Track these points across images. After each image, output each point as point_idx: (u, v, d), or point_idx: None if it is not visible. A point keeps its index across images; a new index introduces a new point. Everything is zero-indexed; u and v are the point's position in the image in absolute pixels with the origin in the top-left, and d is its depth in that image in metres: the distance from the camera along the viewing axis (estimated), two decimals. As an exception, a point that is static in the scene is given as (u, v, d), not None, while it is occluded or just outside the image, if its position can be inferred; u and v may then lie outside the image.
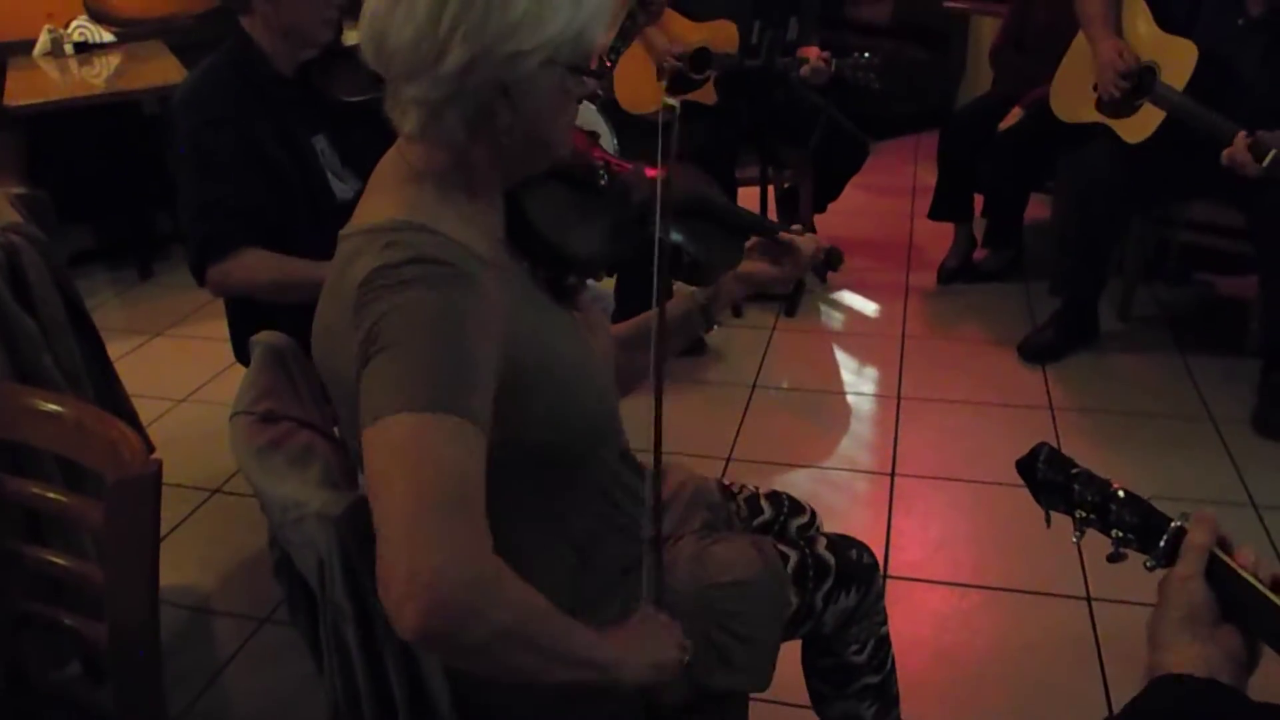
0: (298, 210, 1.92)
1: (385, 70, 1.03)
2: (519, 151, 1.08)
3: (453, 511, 0.87)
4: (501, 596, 0.90)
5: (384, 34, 1.00)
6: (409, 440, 0.89)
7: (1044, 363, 3.11)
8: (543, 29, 0.99)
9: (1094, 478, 0.99)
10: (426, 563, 0.84)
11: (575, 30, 1.02)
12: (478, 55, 0.98)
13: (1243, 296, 3.36)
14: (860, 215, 4.24)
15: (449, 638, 0.87)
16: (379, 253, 0.98)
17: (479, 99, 1.01)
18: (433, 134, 1.04)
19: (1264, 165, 2.50)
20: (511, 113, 1.03)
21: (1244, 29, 2.72)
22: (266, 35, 1.93)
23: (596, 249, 1.18)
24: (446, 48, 0.98)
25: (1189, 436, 2.74)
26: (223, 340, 2.20)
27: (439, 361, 0.93)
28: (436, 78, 0.99)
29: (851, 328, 3.47)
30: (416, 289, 0.95)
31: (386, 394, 0.91)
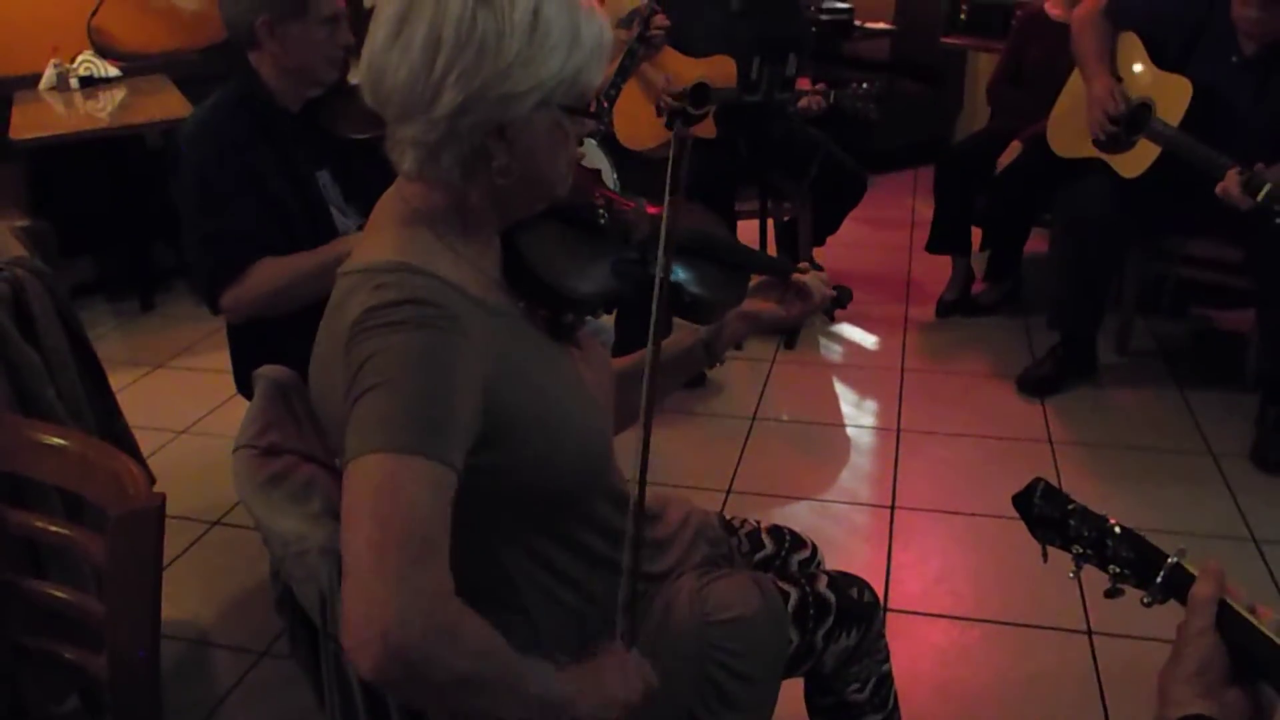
0: (302, 245, 1.93)
1: (382, 110, 1.05)
2: (516, 192, 1.09)
3: (416, 557, 0.88)
4: (458, 645, 0.90)
5: (381, 75, 1.02)
6: (380, 481, 0.90)
7: (1043, 396, 3.12)
8: (537, 71, 1.01)
9: (1090, 513, 0.99)
10: (387, 608, 0.85)
11: (571, 72, 1.03)
12: (471, 97, 1.00)
13: (1240, 330, 3.38)
14: (859, 248, 4.26)
15: (405, 683, 0.88)
16: (371, 292, 1.00)
17: (474, 140, 1.03)
18: (429, 174, 1.06)
19: (1258, 200, 2.53)
20: (507, 154, 1.04)
21: (1237, 66, 2.75)
22: (273, 72, 1.95)
23: (593, 289, 1.19)
24: (440, 90, 0.99)
25: (1188, 471, 2.74)
26: (224, 372, 2.20)
27: (419, 404, 0.94)
28: (431, 119, 1.01)
29: (851, 360, 3.48)
30: (404, 331, 0.96)
31: (366, 433, 0.93)
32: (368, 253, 1.07)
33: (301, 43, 1.91)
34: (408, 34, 0.99)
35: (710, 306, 1.36)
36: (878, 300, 3.85)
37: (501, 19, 0.99)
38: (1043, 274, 3.83)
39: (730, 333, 1.45)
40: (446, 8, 0.99)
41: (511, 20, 0.99)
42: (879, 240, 4.45)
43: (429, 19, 0.99)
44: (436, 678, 0.89)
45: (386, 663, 0.85)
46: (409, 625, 0.85)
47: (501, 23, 0.99)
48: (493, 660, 0.95)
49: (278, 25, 1.89)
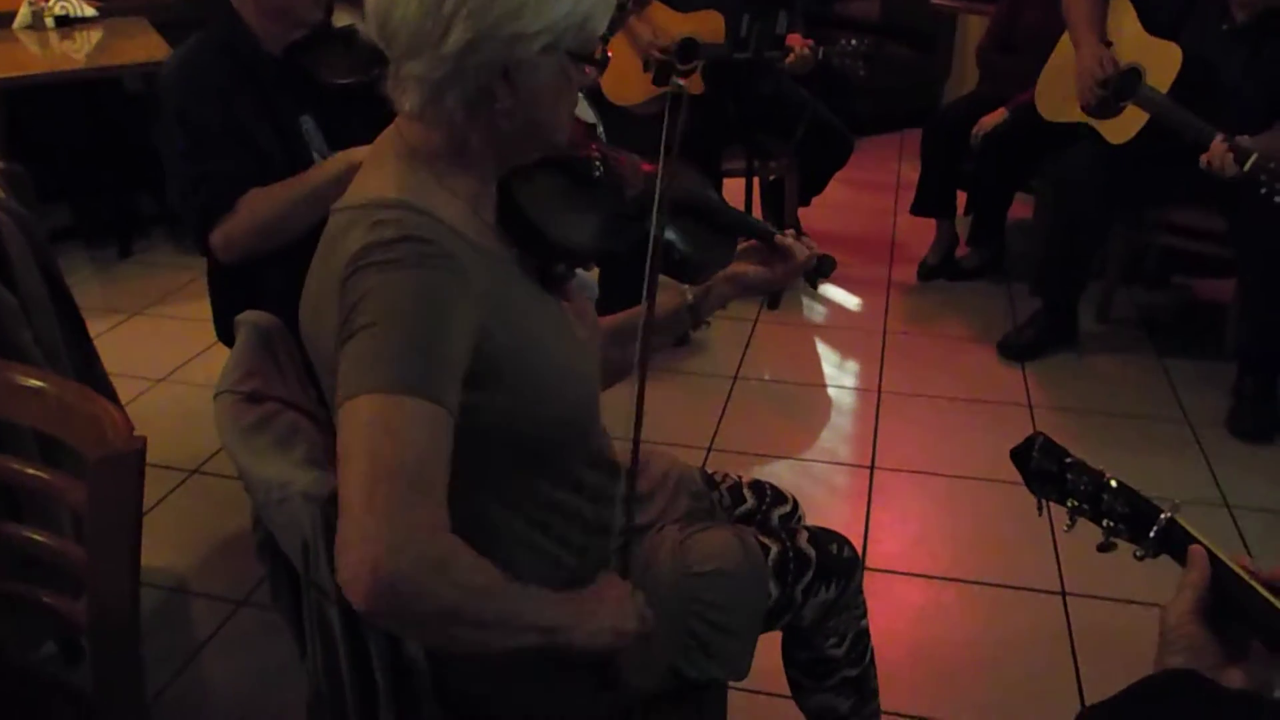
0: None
1: (387, 46, 1.03)
2: (516, 136, 1.08)
3: (410, 491, 0.89)
4: (448, 577, 0.91)
5: (389, 10, 1.00)
6: (376, 420, 0.91)
7: (1023, 361, 3.14)
8: (546, 13, 1.00)
9: (1087, 467, 1.00)
10: (380, 541, 0.87)
11: (579, 17, 1.02)
12: (480, 35, 0.98)
13: (1219, 300, 3.40)
14: (844, 210, 4.26)
15: (394, 614, 0.90)
16: (369, 229, 0.99)
17: (479, 80, 1.01)
18: (431, 114, 1.04)
19: (1244, 169, 2.53)
20: (511, 96, 1.03)
21: (1229, 34, 2.75)
22: (256, 15, 1.91)
23: (587, 240, 1.18)
24: (450, 26, 0.98)
25: (1165, 437, 2.77)
26: (202, 320, 2.18)
27: (414, 343, 0.94)
28: (438, 56, 0.99)
29: (833, 322, 3.48)
30: (402, 269, 0.96)
31: (361, 373, 0.93)
32: (365, 189, 1.05)
33: None
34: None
35: (698, 266, 1.36)
36: (861, 262, 3.85)
37: None
38: (1026, 239, 3.84)
39: (716, 294, 1.44)
40: None
41: None
42: (864, 203, 4.44)
43: None
44: (426, 609, 0.90)
45: (377, 594, 0.86)
46: (398, 557, 0.86)
47: None
48: (485, 594, 0.95)
49: None
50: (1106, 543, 0.99)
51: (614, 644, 1.09)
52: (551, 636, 1.02)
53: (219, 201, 1.84)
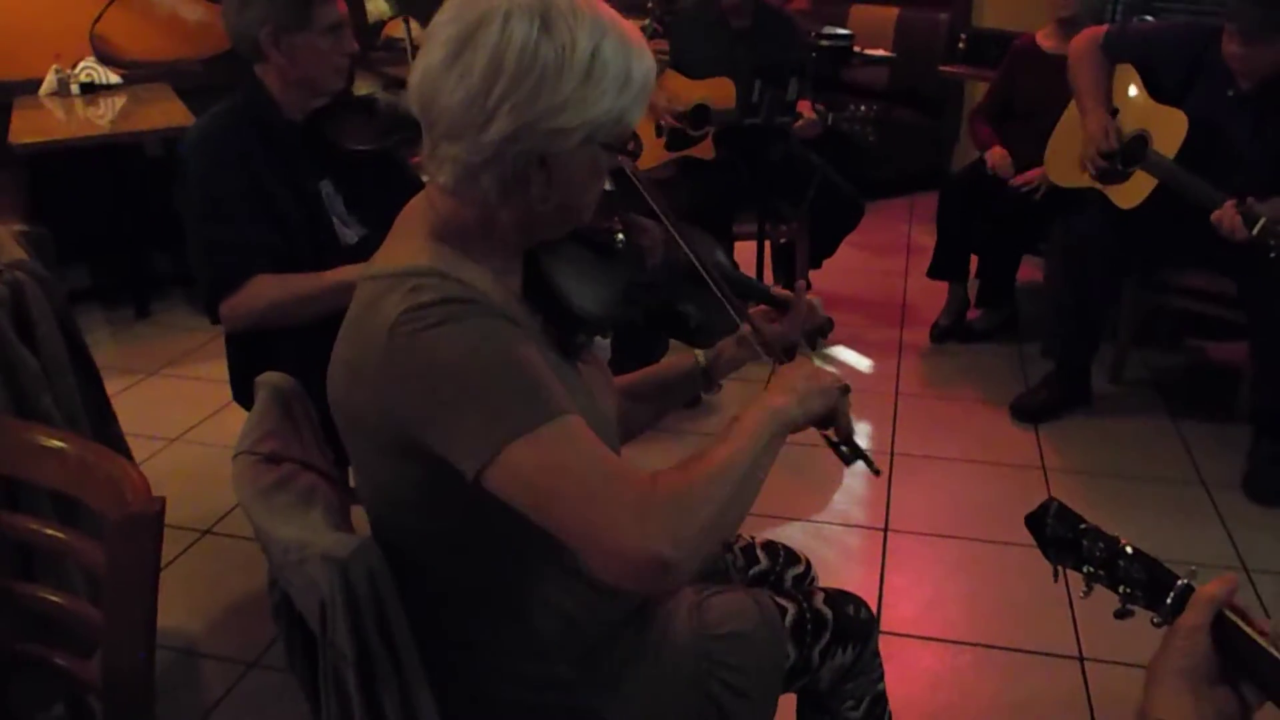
0: (303, 253, 1.93)
1: (428, 126, 1.05)
2: (546, 217, 1.10)
3: (615, 482, 0.96)
4: (692, 507, 0.98)
5: (435, 92, 1.02)
6: (540, 462, 0.96)
7: (1037, 423, 3.13)
8: (587, 110, 1.02)
9: (1102, 534, 1.00)
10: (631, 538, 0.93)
11: (617, 113, 1.05)
12: (522, 127, 1.01)
13: (1233, 362, 3.39)
14: (855, 273, 4.28)
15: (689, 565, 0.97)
16: (406, 295, 1.01)
17: (516, 166, 1.04)
18: (465, 191, 1.06)
19: (1253, 233, 2.55)
20: (545, 183, 1.05)
21: (1234, 101, 2.78)
22: (279, 83, 1.96)
23: (610, 311, 1.22)
24: (493, 116, 1.00)
25: (1181, 500, 2.75)
26: (216, 381, 2.20)
27: (509, 384, 0.98)
28: (479, 142, 1.02)
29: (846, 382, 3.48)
30: (454, 326, 0.98)
31: (487, 436, 0.96)
32: (396, 258, 1.07)
33: (306, 52, 1.92)
34: (469, 57, 1.00)
35: (710, 331, 1.40)
36: (873, 324, 3.87)
37: (562, 54, 1.00)
38: (1037, 302, 3.85)
39: (728, 358, 1.46)
40: (511, 36, 0.99)
41: (572, 57, 1.00)
42: (875, 265, 4.47)
43: (492, 45, 0.99)
44: (705, 542, 0.99)
45: (670, 574, 0.94)
46: (657, 539, 0.94)
47: (562, 58, 1.00)
48: (722, 481, 1.01)
49: (282, 36, 1.90)
50: (1124, 609, 0.98)
51: (828, 405, 1.19)
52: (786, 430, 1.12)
53: (229, 276, 1.89)
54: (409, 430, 1.01)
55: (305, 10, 1.90)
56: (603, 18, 1.04)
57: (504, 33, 0.99)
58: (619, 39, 1.04)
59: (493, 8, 1.00)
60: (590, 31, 1.02)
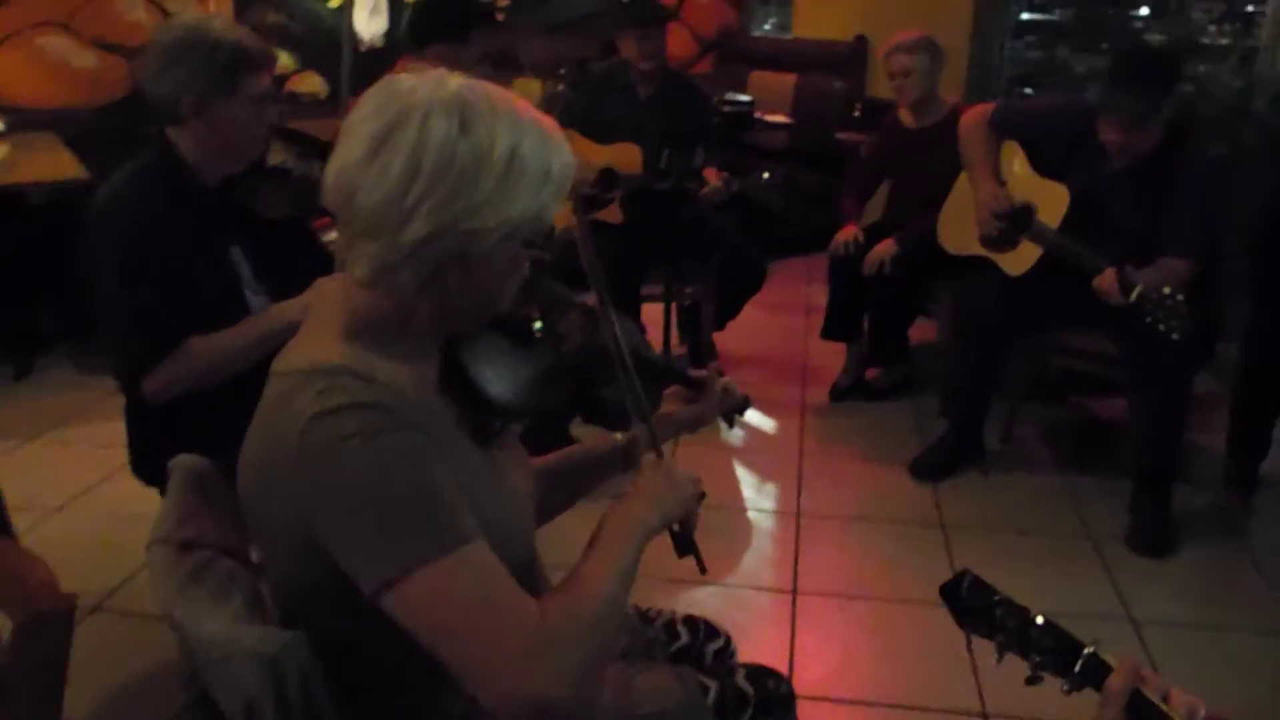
0: (213, 321, 1.89)
1: (345, 222, 1.05)
2: (464, 309, 1.10)
3: (507, 615, 0.98)
4: (582, 635, 1.01)
5: (353, 190, 1.02)
6: (436, 595, 0.96)
7: (934, 481, 3.23)
8: (506, 209, 1.02)
9: (1014, 605, 1.05)
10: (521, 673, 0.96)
11: (536, 210, 1.05)
12: (441, 227, 1.01)
13: (1114, 418, 3.57)
14: (758, 333, 4.36)
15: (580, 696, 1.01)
16: (315, 397, 1.00)
17: (434, 263, 1.04)
18: (382, 285, 1.06)
19: (1131, 299, 2.70)
20: (464, 278, 1.06)
21: (1111, 177, 2.95)
22: (195, 148, 1.92)
23: (527, 398, 1.22)
24: (412, 216, 1.00)
25: (1069, 554, 2.87)
26: (105, 446, 2.12)
27: (414, 511, 0.96)
28: (397, 242, 1.01)
29: (751, 444, 3.54)
30: (360, 443, 0.97)
31: (385, 561, 0.96)
32: (307, 353, 1.06)
33: (228, 121, 1.89)
34: (386, 157, 1.00)
35: (627, 415, 1.41)
36: (776, 384, 3.95)
37: (481, 154, 1.00)
38: (934, 360, 3.99)
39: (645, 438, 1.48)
40: (430, 135, 0.99)
41: (491, 156, 1.01)
42: (777, 325, 4.57)
43: (411, 145, 0.99)
44: (592, 671, 1.05)
45: (556, 710, 0.97)
46: (548, 680, 0.97)
47: (481, 157, 1.00)
48: (607, 607, 1.06)
49: (206, 103, 1.87)
50: (1034, 676, 1.03)
51: (687, 512, 1.26)
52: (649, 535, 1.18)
53: (157, 346, 1.83)
54: (314, 533, 1.00)
55: (233, 80, 1.87)
56: (520, 115, 1.05)
57: (423, 132, 0.99)
58: (538, 136, 1.05)
59: (411, 106, 1.01)
60: (509, 130, 1.02)
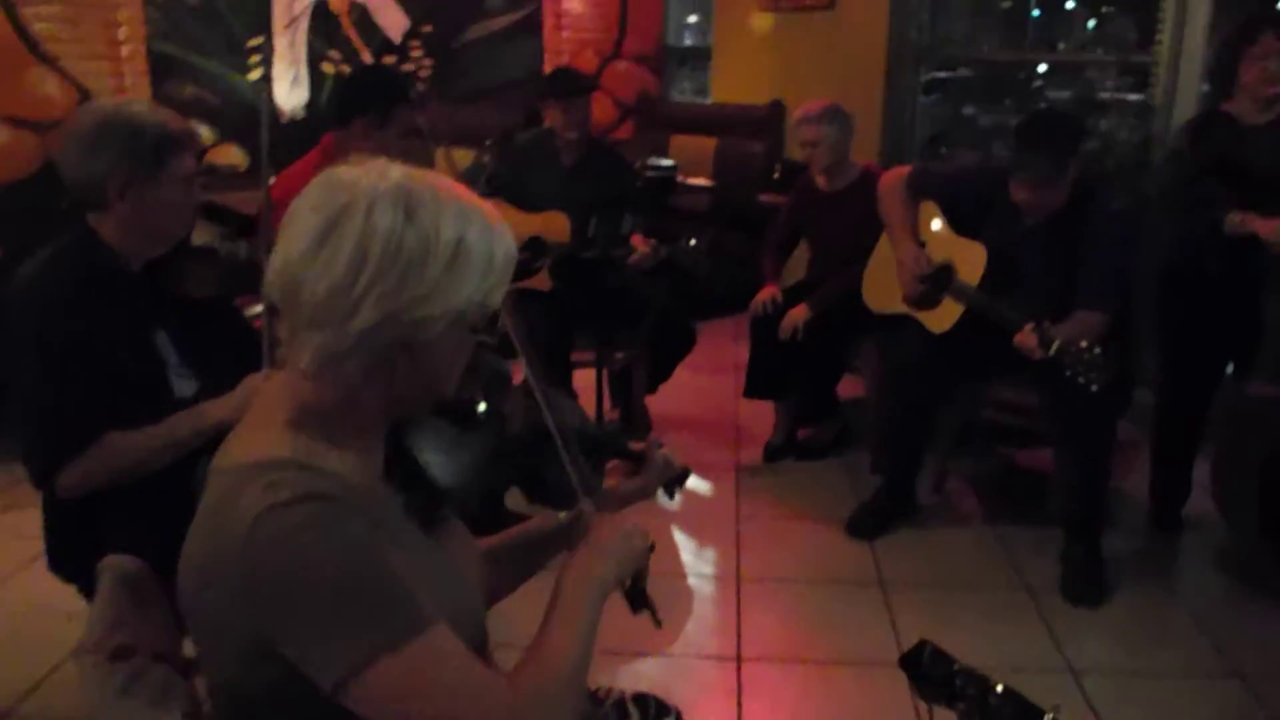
0: (137, 407, 1.83)
1: (289, 313, 1.04)
2: (410, 397, 1.10)
3: (479, 702, 0.99)
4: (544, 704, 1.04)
5: (298, 283, 1.01)
6: (402, 682, 0.95)
7: (871, 538, 3.26)
8: (452, 297, 1.03)
9: (973, 673, 1.06)
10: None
11: (482, 295, 1.06)
12: (388, 317, 1.00)
13: (1042, 468, 3.65)
14: (689, 395, 4.39)
15: None
16: (264, 491, 0.97)
17: (381, 352, 1.03)
18: (327, 375, 1.05)
19: (1050, 353, 2.78)
20: (410, 365, 1.05)
21: (1025, 235, 3.06)
22: (118, 232, 1.88)
23: (473, 483, 1.22)
24: (359, 307, 0.99)
25: (1007, 606, 2.90)
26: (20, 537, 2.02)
27: (373, 600, 0.96)
28: (344, 332, 1.01)
29: (688, 508, 3.53)
30: (313, 535, 0.95)
31: (346, 654, 0.94)
32: (251, 448, 1.04)
33: (155, 204, 1.86)
34: (332, 249, 0.99)
35: (571, 493, 1.41)
36: (709, 446, 3.96)
37: (427, 243, 1.00)
38: (864, 416, 4.04)
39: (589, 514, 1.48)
40: (375, 226, 0.99)
41: (437, 245, 1.01)
42: (708, 386, 4.59)
43: (357, 236, 0.99)
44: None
45: None
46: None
47: (427, 247, 1.00)
48: (574, 670, 1.08)
49: (131, 186, 1.83)
50: None
51: (639, 565, 1.29)
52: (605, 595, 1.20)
53: (72, 441, 1.76)
54: (265, 635, 0.97)
55: (159, 162, 1.83)
56: (464, 203, 1.06)
57: (368, 223, 0.99)
58: (481, 223, 1.06)
59: (356, 197, 1.01)
60: (454, 218, 1.03)
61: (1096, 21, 11.03)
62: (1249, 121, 2.96)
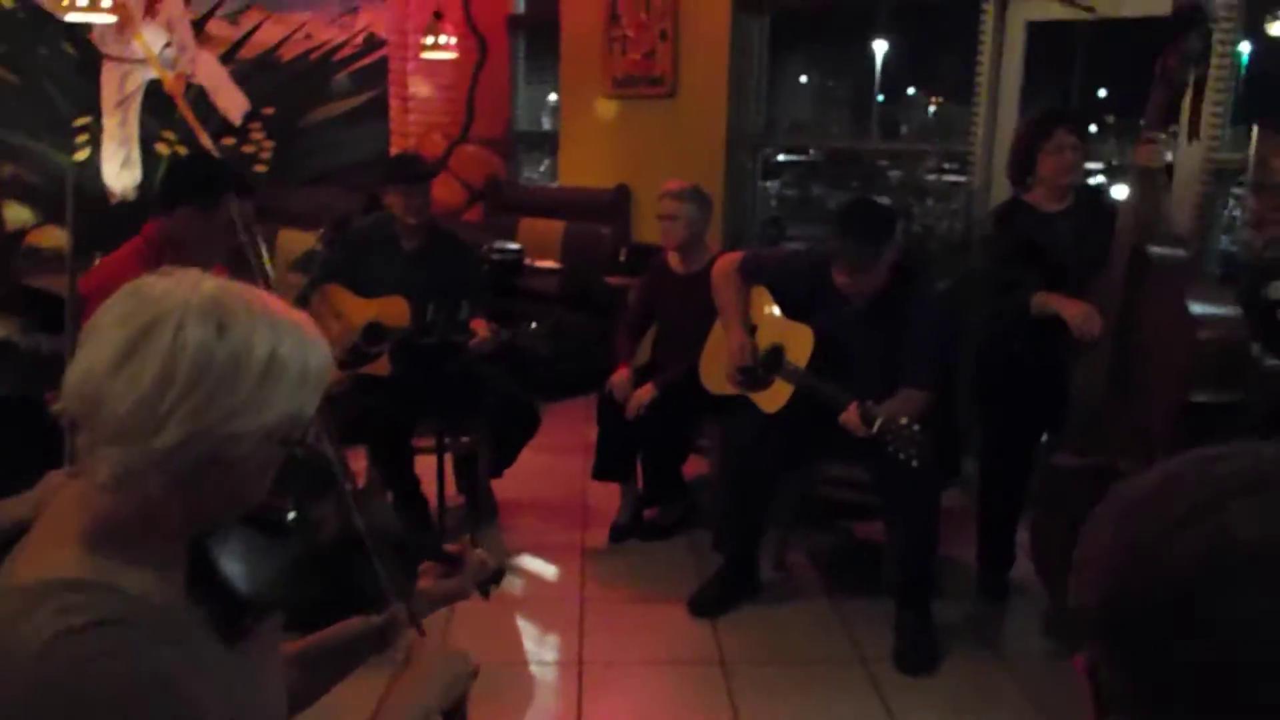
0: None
1: (88, 426, 0.99)
2: (215, 509, 1.06)
3: None
4: None
5: (99, 397, 0.96)
6: None
7: (713, 617, 3.28)
8: (265, 412, 1.00)
9: None
10: None
11: (295, 408, 1.04)
12: (195, 433, 0.97)
13: (878, 540, 3.76)
14: (536, 477, 4.36)
15: None
16: (54, 615, 0.92)
17: (186, 468, 0.99)
18: (127, 490, 1.00)
19: (874, 430, 2.90)
20: (217, 480, 1.02)
21: (849, 316, 3.20)
22: None
23: (278, 590, 1.18)
24: (165, 424, 0.96)
25: (843, 679, 2.96)
26: None
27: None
28: (148, 449, 0.97)
29: (531, 593, 3.50)
30: (107, 664, 0.91)
31: None
32: (41, 566, 0.98)
33: None
34: (138, 364, 0.95)
35: (384, 598, 1.39)
36: (555, 528, 3.94)
37: (239, 358, 0.98)
38: (709, 495, 4.10)
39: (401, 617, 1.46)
40: (185, 342, 0.96)
41: (249, 361, 0.98)
42: (555, 468, 4.57)
43: (165, 351, 0.96)
44: None
45: None
46: None
47: (239, 362, 0.98)
48: None
49: None
50: None
51: (461, 689, 1.30)
52: None
53: None
54: None
55: None
56: (278, 316, 1.03)
57: (177, 339, 0.96)
58: (295, 335, 1.04)
59: (165, 312, 0.97)
60: (267, 332, 1.01)
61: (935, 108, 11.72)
62: (1047, 209, 3.20)
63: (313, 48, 5.66)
